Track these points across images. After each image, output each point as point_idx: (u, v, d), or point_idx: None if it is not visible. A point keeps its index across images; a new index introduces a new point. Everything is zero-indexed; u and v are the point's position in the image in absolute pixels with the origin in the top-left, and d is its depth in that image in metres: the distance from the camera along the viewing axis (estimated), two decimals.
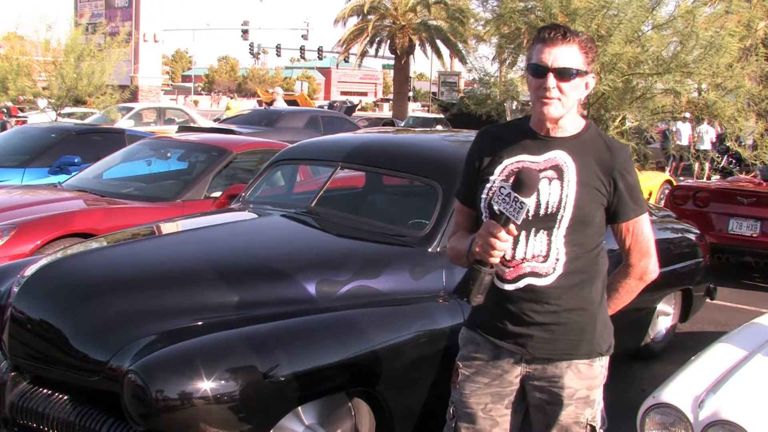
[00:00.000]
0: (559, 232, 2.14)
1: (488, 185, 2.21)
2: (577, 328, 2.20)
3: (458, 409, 2.32)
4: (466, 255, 2.13)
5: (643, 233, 2.25)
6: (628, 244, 2.26)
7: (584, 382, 2.23)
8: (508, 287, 2.19)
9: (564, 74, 2.10)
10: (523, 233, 2.15)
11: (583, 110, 7.65)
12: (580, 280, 2.19)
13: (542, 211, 2.14)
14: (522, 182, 2.00)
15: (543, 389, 2.24)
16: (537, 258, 2.16)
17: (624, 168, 2.19)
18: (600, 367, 2.26)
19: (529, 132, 2.24)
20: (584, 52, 2.13)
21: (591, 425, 2.25)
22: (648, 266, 2.29)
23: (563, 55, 2.10)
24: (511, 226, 2.00)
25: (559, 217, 2.14)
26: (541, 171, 2.16)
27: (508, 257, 2.16)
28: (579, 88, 2.16)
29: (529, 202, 2.01)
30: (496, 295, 2.17)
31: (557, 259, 2.16)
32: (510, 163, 2.21)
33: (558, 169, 2.16)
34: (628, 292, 2.34)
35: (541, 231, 2.15)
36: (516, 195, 1.99)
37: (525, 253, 2.16)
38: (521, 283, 2.18)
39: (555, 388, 2.22)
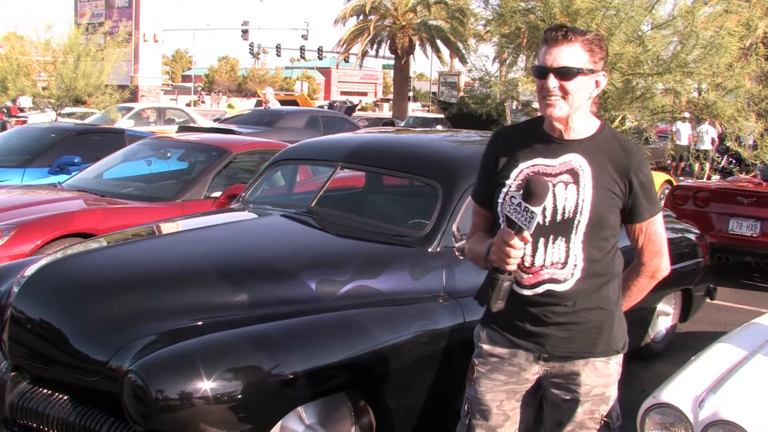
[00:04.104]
0: (577, 238, 2.14)
1: (504, 189, 2.20)
2: (595, 326, 2.21)
3: (473, 406, 2.32)
4: (484, 260, 2.13)
5: (657, 233, 2.26)
6: (642, 243, 2.26)
7: (601, 380, 2.24)
8: (527, 293, 2.19)
9: (565, 73, 2.09)
10: (542, 240, 2.15)
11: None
12: (598, 282, 2.19)
13: (559, 217, 2.13)
14: (532, 192, 1.98)
15: (560, 386, 2.26)
16: (556, 265, 2.16)
17: (639, 169, 2.18)
18: (615, 365, 2.28)
19: (543, 135, 2.22)
20: (589, 50, 2.11)
21: (605, 420, 2.27)
22: (660, 264, 2.30)
23: (564, 54, 2.09)
24: (525, 234, 1.99)
25: (575, 222, 2.13)
26: (556, 175, 2.15)
27: (527, 264, 2.16)
28: (586, 87, 2.14)
29: (540, 211, 1.99)
30: (514, 298, 2.16)
31: (575, 265, 2.16)
32: (526, 167, 2.19)
33: (574, 173, 2.15)
34: (640, 290, 2.36)
35: (560, 238, 2.14)
36: (526, 205, 1.97)
37: (544, 260, 2.16)
38: (540, 289, 2.18)
39: (572, 385, 2.24)
